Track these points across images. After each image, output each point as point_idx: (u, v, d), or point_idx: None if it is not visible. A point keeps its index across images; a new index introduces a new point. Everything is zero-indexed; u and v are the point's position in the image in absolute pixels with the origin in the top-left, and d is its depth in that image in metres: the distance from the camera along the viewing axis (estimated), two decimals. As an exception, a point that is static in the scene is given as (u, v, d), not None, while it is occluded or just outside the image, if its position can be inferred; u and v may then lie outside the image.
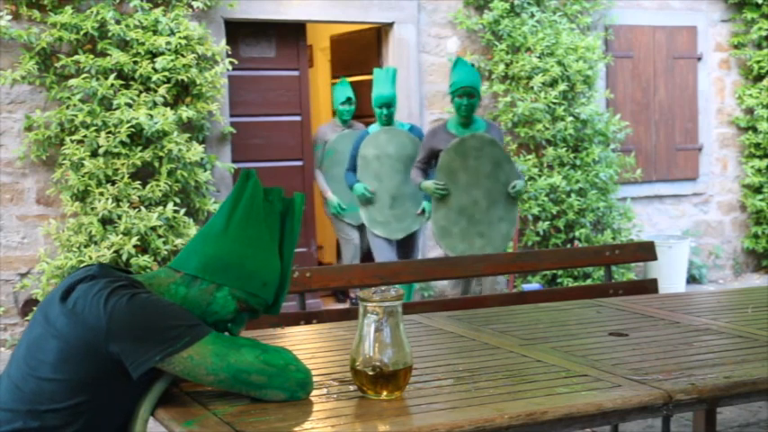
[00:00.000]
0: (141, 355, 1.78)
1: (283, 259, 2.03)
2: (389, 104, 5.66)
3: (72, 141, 5.60)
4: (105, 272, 1.90)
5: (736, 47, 8.18)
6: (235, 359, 1.82)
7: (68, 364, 1.79)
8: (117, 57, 5.68)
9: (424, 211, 5.63)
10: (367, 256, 6.31)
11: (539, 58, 6.83)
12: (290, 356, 1.89)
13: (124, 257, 5.29)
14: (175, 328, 1.80)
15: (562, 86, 6.76)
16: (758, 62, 8.08)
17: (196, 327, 1.83)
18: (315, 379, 1.96)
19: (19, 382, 1.83)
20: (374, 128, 5.78)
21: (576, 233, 6.80)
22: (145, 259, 5.34)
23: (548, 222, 6.75)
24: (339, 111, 6.51)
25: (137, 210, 5.52)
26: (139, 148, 5.64)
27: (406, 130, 5.75)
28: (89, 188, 5.54)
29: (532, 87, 6.80)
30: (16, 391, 1.83)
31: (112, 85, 5.63)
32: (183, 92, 5.98)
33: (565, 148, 6.85)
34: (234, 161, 6.38)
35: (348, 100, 6.47)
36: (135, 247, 5.36)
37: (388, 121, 5.70)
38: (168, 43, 5.80)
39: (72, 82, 5.63)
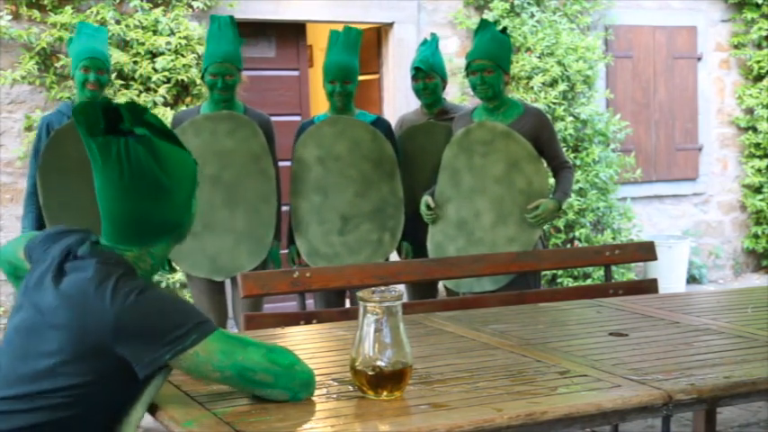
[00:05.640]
0: (150, 355, 1.78)
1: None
2: (346, 78, 4.00)
3: (72, 141, 5.60)
4: (95, 251, 1.89)
5: (736, 47, 8.18)
6: (242, 357, 1.82)
7: (68, 356, 1.78)
8: (117, 57, 5.68)
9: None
10: None
11: (539, 58, 6.83)
12: (294, 357, 1.89)
13: (124, 257, 5.29)
14: (183, 325, 1.79)
15: (562, 86, 6.76)
16: (758, 62, 8.08)
17: (203, 324, 1.82)
18: (315, 379, 1.96)
19: (10, 367, 1.83)
20: (322, 117, 4.18)
21: (576, 233, 6.79)
22: (145, 259, 5.34)
23: (550, 221, 6.75)
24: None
25: (137, 210, 5.52)
26: (139, 148, 5.64)
27: (366, 121, 4.06)
28: (89, 188, 5.54)
29: (532, 87, 6.80)
30: (7, 376, 1.82)
31: (112, 85, 5.63)
32: (182, 92, 5.97)
33: (565, 148, 6.85)
34: (234, 161, 6.37)
35: None
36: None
37: (344, 104, 4.04)
38: (168, 43, 5.80)
39: (72, 82, 5.63)
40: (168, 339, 1.78)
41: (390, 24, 6.88)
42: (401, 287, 4.22)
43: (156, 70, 5.76)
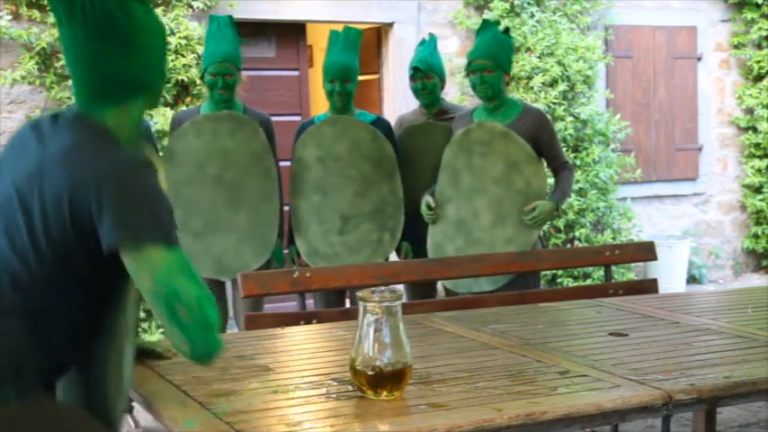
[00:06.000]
0: (111, 227, 1.74)
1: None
2: (346, 78, 4.01)
3: (72, 141, 5.60)
4: (79, 115, 1.89)
5: (736, 47, 8.18)
6: (182, 284, 1.74)
7: (48, 213, 1.76)
8: (117, 57, 5.69)
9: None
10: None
11: (539, 58, 6.83)
12: (219, 326, 1.81)
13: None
14: (153, 222, 1.76)
15: (562, 86, 6.76)
16: (758, 62, 8.08)
17: (170, 232, 1.78)
18: (314, 379, 1.97)
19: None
20: (322, 117, 4.20)
21: (576, 233, 6.79)
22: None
23: (547, 222, 6.75)
24: None
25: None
26: (139, 147, 5.64)
27: (366, 121, 4.08)
28: (89, 188, 5.54)
29: (532, 87, 6.80)
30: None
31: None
32: (182, 92, 5.98)
33: (565, 148, 6.85)
34: (234, 161, 6.37)
35: None
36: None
37: (344, 104, 4.05)
38: (168, 43, 5.80)
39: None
40: (133, 224, 1.74)
41: (390, 24, 6.88)
42: (401, 287, 4.22)
43: (155, 70, 5.77)
